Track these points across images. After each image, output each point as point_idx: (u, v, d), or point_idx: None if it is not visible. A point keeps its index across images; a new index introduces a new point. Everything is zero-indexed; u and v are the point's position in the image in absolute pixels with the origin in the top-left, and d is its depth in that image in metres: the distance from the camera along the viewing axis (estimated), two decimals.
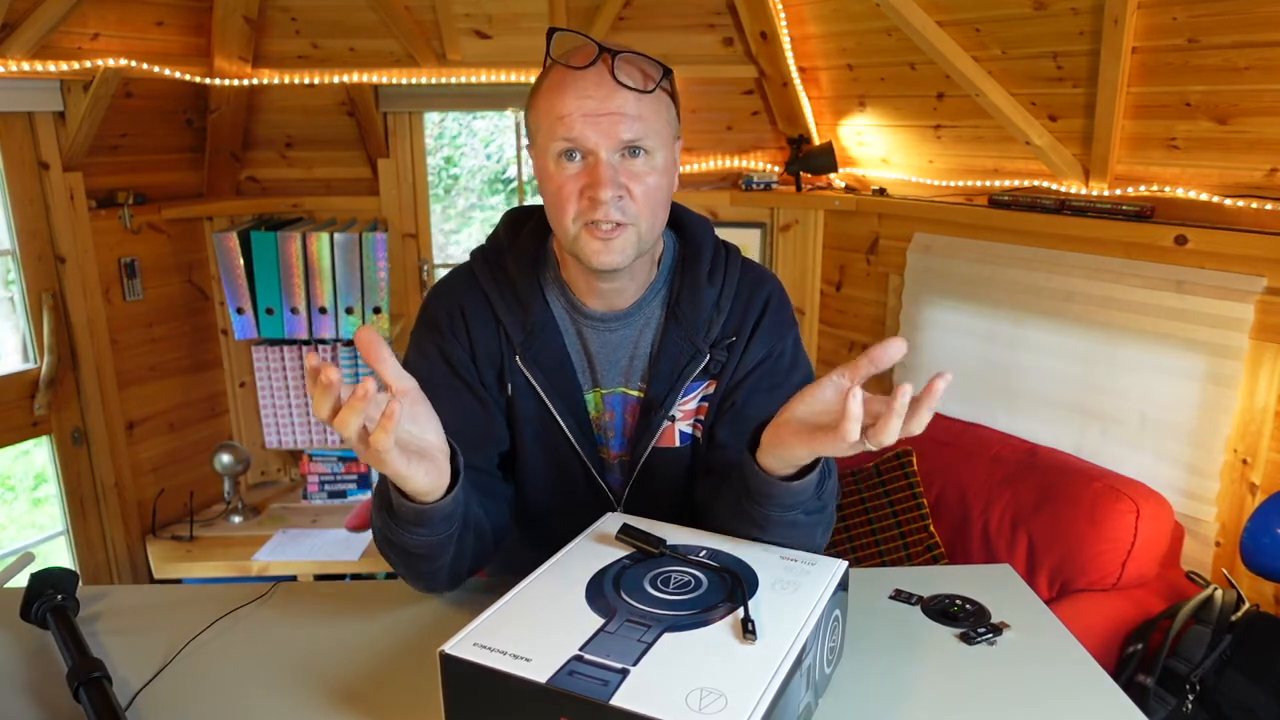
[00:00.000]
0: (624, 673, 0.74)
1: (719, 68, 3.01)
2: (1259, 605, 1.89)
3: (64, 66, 2.43)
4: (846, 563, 0.93)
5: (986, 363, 2.53)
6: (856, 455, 2.63)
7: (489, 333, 1.12)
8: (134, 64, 2.53)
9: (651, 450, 1.13)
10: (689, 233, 1.17)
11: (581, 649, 0.77)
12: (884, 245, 2.88)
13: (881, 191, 2.86)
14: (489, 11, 2.88)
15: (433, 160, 6.20)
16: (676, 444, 1.14)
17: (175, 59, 2.74)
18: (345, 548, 2.87)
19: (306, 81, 2.91)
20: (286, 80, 2.91)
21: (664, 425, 1.12)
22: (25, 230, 2.56)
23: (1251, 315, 1.95)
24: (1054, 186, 2.38)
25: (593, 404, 1.15)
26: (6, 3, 2.27)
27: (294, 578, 2.78)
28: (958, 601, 1.06)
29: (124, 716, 0.82)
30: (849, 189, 3.00)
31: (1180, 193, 2.10)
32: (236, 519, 3.06)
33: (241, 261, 2.92)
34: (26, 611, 0.98)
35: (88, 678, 0.84)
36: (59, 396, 2.68)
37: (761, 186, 3.05)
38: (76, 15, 2.45)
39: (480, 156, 6.53)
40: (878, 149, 2.89)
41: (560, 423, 1.11)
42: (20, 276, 2.59)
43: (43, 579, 1.00)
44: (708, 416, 1.14)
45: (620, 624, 0.81)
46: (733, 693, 0.72)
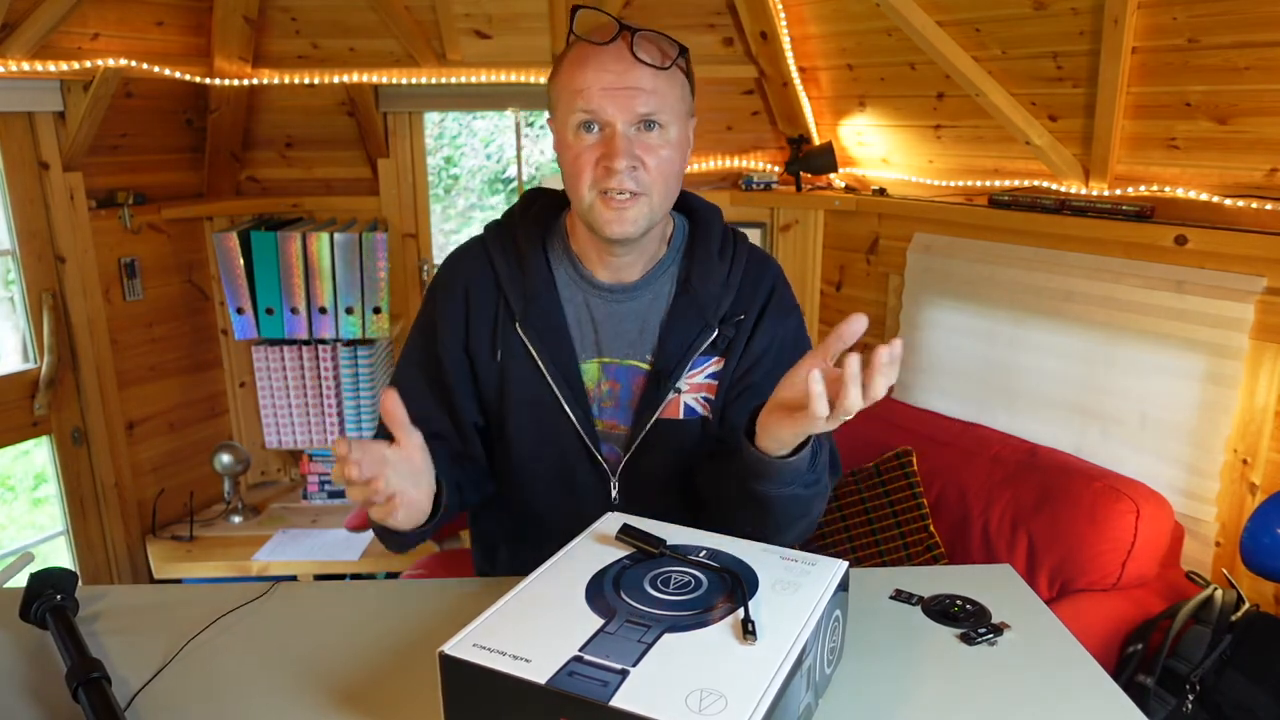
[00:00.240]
0: (624, 673, 0.74)
1: (719, 68, 3.01)
2: (1259, 605, 1.89)
3: (64, 66, 2.43)
4: (847, 563, 0.93)
5: (986, 363, 2.53)
6: (857, 454, 2.63)
7: (489, 299, 1.17)
8: (134, 64, 2.53)
9: (656, 421, 1.15)
10: (700, 215, 1.22)
11: (581, 649, 0.77)
12: (884, 245, 2.88)
13: (881, 191, 2.86)
14: (489, 11, 2.88)
15: (433, 160, 6.20)
16: (681, 416, 1.17)
17: (175, 59, 2.74)
18: (345, 548, 2.87)
19: (306, 81, 2.91)
20: (286, 80, 2.91)
21: (670, 396, 1.15)
22: (25, 230, 2.56)
23: (1251, 315, 1.94)
24: (1054, 186, 2.38)
25: (590, 373, 1.17)
26: (6, 3, 2.27)
27: (294, 578, 2.79)
28: (958, 602, 1.06)
29: (123, 717, 0.82)
30: (849, 189, 3.00)
31: (1180, 193, 2.10)
32: (236, 519, 3.06)
33: (241, 261, 2.92)
34: (26, 611, 0.98)
35: (87, 678, 0.84)
36: (59, 396, 2.68)
37: (761, 186, 3.05)
38: (76, 15, 2.45)
39: (480, 156, 6.53)
40: (878, 149, 2.89)
41: (554, 389, 1.14)
42: (20, 276, 2.59)
43: (42, 579, 1.00)
44: (717, 396, 1.18)
45: (620, 624, 0.81)
46: (733, 693, 0.72)
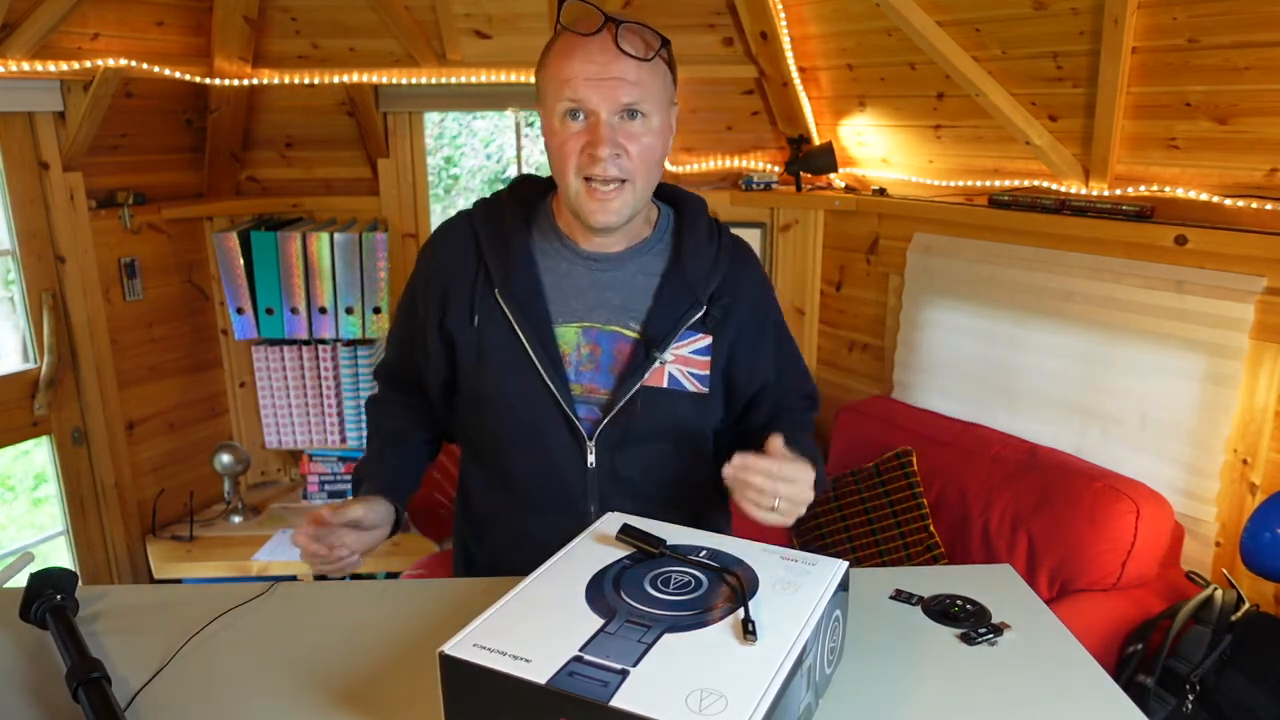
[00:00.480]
0: (624, 673, 0.74)
1: (719, 68, 3.01)
2: (1259, 605, 1.89)
3: (64, 66, 2.43)
4: (847, 563, 0.93)
5: (986, 363, 2.53)
6: (857, 454, 2.62)
7: (470, 269, 1.23)
8: (134, 64, 2.53)
9: (641, 388, 1.21)
10: (686, 204, 1.30)
11: (581, 650, 0.77)
12: (884, 245, 2.88)
13: (881, 191, 2.86)
14: (489, 11, 2.88)
15: (433, 160, 6.20)
16: (664, 385, 1.23)
17: (175, 59, 2.74)
18: None
19: (306, 81, 2.91)
20: (286, 80, 2.91)
21: (655, 364, 1.21)
22: (25, 230, 2.56)
23: (1251, 315, 1.94)
24: (1054, 186, 2.38)
25: (566, 337, 1.22)
26: (6, 3, 2.27)
27: (294, 578, 2.78)
28: (958, 602, 1.06)
29: (123, 717, 0.82)
30: (849, 189, 3.00)
31: (1180, 193, 2.10)
32: (236, 519, 3.06)
33: (241, 261, 2.92)
34: (26, 611, 0.98)
35: (87, 678, 0.84)
36: (59, 396, 2.68)
37: (761, 186, 3.05)
38: (76, 15, 2.45)
39: (480, 156, 6.53)
40: (878, 149, 2.89)
41: (529, 351, 1.19)
42: (20, 276, 2.59)
43: (42, 579, 1.00)
44: (712, 371, 1.24)
45: (620, 624, 0.81)
46: (733, 693, 0.72)
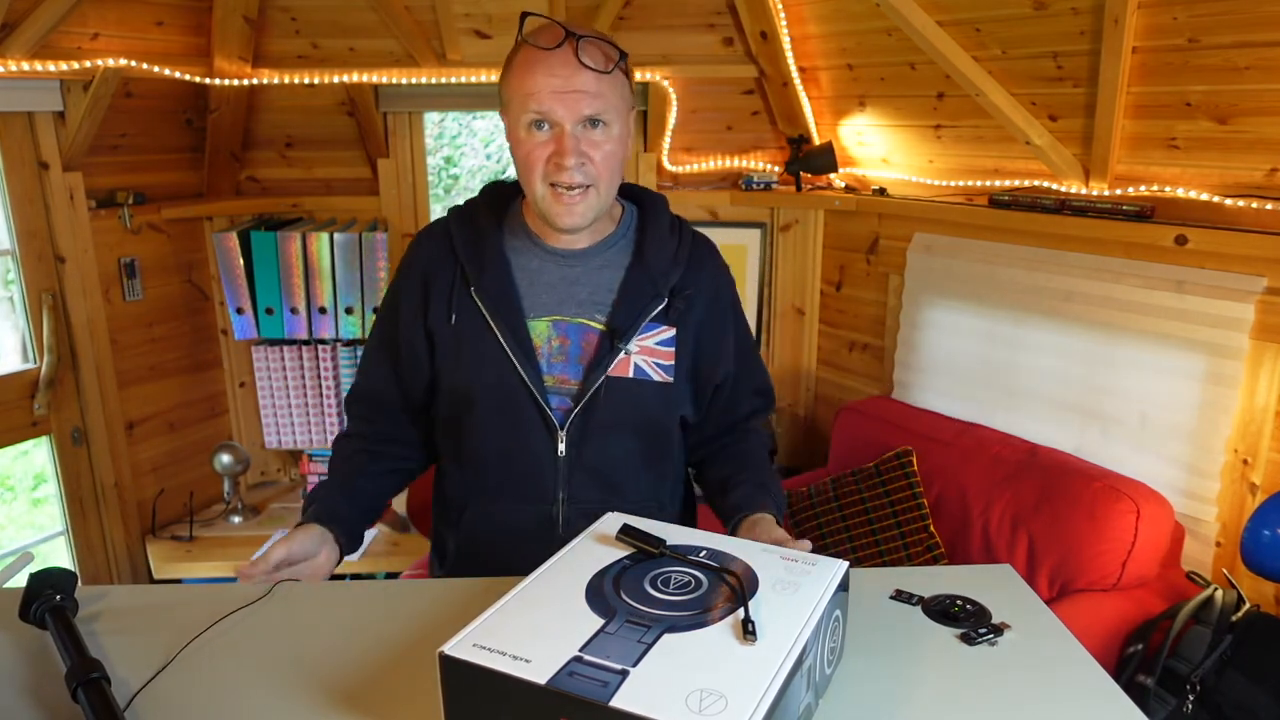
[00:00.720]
0: (624, 674, 0.74)
1: (719, 68, 3.01)
2: (1259, 605, 1.89)
3: (64, 66, 2.43)
4: (847, 563, 0.93)
5: (986, 363, 2.53)
6: (857, 454, 2.62)
7: (447, 270, 1.30)
8: (134, 64, 2.53)
9: (606, 378, 1.26)
10: (648, 201, 1.36)
11: (581, 650, 0.77)
12: (884, 245, 2.88)
13: (881, 191, 2.86)
14: (489, 11, 2.88)
15: (433, 160, 6.20)
16: (631, 375, 1.28)
17: (175, 59, 2.74)
18: None
19: (306, 81, 2.91)
20: (286, 80, 2.91)
21: (620, 355, 1.26)
22: (25, 230, 2.55)
23: (1252, 315, 1.94)
24: (1054, 186, 2.38)
25: (539, 330, 1.28)
26: (6, 3, 2.27)
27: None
28: (958, 602, 1.06)
29: (122, 717, 0.81)
30: (849, 189, 3.00)
31: (1180, 193, 2.10)
32: (236, 519, 3.06)
33: (241, 261, 2.92)
34: (25, 612, 0.98)
35: (86, 678, 0.84)
36: (59, 396, 2.68)
37: (761, 186, 3.05)
38: (76, 15, 2.45)
39: (480, 156, 6.53)
40: (878, 149, 2.89)
41: (504, 344, 1.25)
42: (20, 276, 2.58)
43: (41, 579, 1.00)
44: (677, 361, 1.30)
45: (620, 625, 0.81)
46: (733, 694, 0.72)
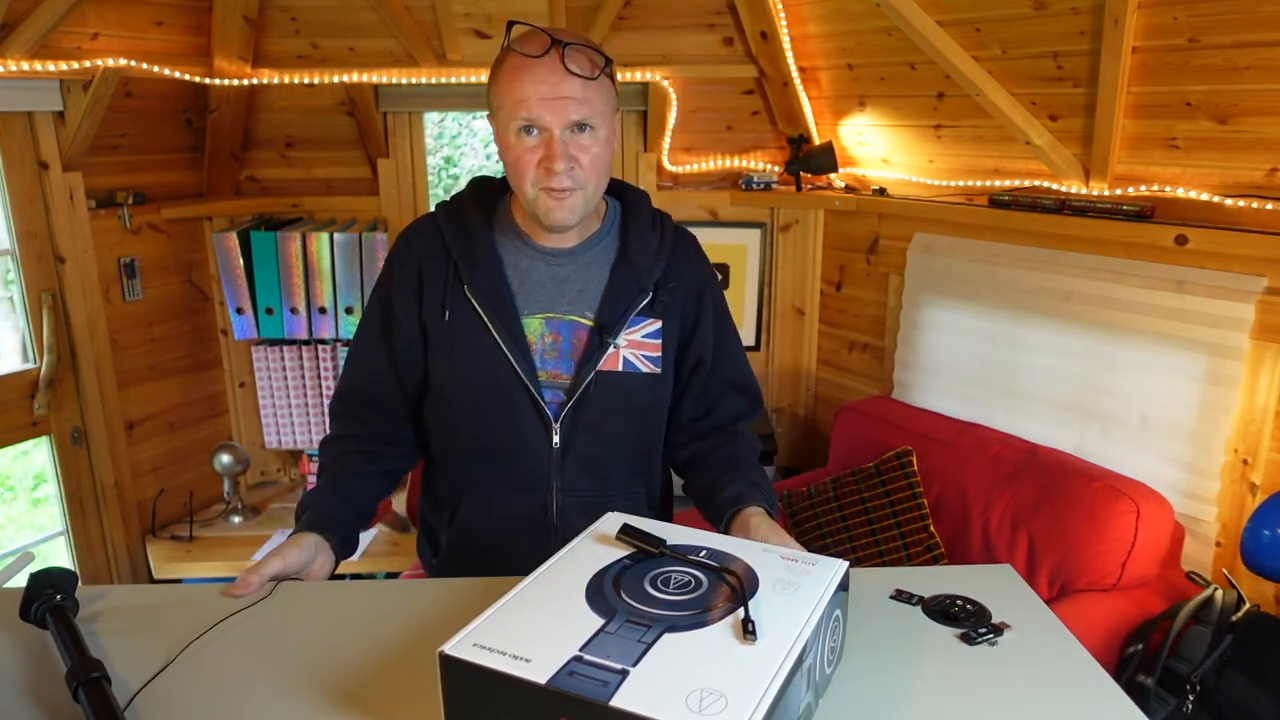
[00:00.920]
0: (624, 673, 0.74)
1: (719, 68, 3.01)
2: (1259, 605, 1.89)
3: (64, 66, 2.43)
4: (847, 563, 0.93)
5: (986, 363, 2.53)
6: (857, 454, 2.62)
7: (440, 267, 1.31)
8: (134, 64, 2.53)
9: (597, 372, 1.29)
10: (631, 198, 1.39)
11: (581, 649, 0.77)
12: (884, 245, 2.88)
13: (881, 191, 2.86)
14: (489, 11, 2.88)
15: (433, 160, 6.20)
16: (620, 368, 1.31)
17: (175, 59, 2.74)
18: None
19: (306, 81, 2.91)
20: (286, 80, 2.91)
21: (610, 349, 1.30)
22: (25, 230, 2.55)
23: (1252, 315, 1.95)
24: (1054, 186, 2.38)
25: (533, 327, 1.30)
26: (6, 2, 2.27)
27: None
28: (958, 602, 1.06)
29: (123, 717, 0.81)
30: (849, 189, 3.00)
31: (1180, 193, 2.10)
32: (236, 519, 3.06)
33: (241, 261, 2.92)
34: (26, 611, 0.98)
35: (87, 678, 0.84)
36: (58, 396, 2.67)
37: (761, 186, 3.05)
38: (76, 15, 2.44)
39: (480, 156, 6.53)
40: (878, 149, 2.89)
41: (499, 341, 1.27)
42: (20, 276, 2.58)
43: (42, 579, 1.00)
44: (663, 353, 1.33)
45: (620, 624, 0.81)
46: (733, 693, 0.71)
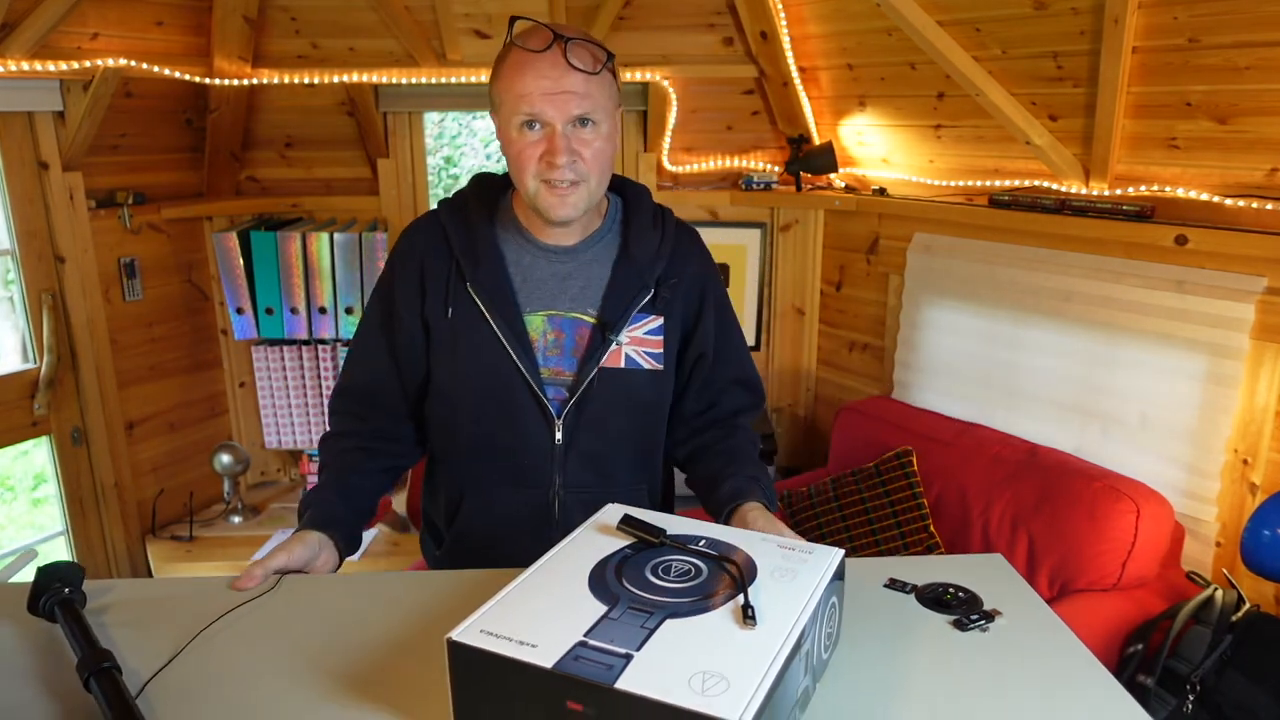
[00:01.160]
0: (628, 657, 0.74)
1: (719, 68, 3.02)
2: (1259, 605, 1.90)
3: (64, 66, 2.43)
4: (842, 551, 0.95)
5: (986, 363, 2.54)
6: (857, 454, 2.62)
7: (442, 264, 1.31)
8: (134, 64, 2.54)
9: (599, 369, 1.29)
10: (631, 193, 1.38)
11: (586, 635, 0.78)
12: (884, 245, 2.89)
13: (881, 191, 2.87)
14: (489, 11, 2.89)
15: (433, 160, 6.21)
16: (622, 365, 1.31)
17: (175, 59, 2.75)
18: None
19: (306, 81, 2.92)
20: (286, 80, 2.91)
21: (612, 346, 1.29)
22: (25, 230, 2.56)
23: (1252, 315, 1.95)
24: (1054, 186, 2.39)
25: (535, 324, 1.30)
26: (6, 2, 2.28)
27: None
28: (950, 590, 1.07)
29: (135, 704, 0.82)
30: (849, 189, 3.01)
31: (1180, 193, 2.11)
32: (236, 519, 3.06)
33: (241, 261, 2.92)
34: (34, 605, 0.98)
35: (98, 668, 0.85)
36: (58, 396, 2.68)
37: (761, 186, 3.06)
38: (76, 15, 2.45)
39: (480, 156, 6.54)
40: (878, 149, 2.90)
41: (501, 338, 1.27)
42: (20, 276, 2.59)
43: (49, 573, 1.01)
44: (665, 349, 1.32)
45: (623, 611, 0.82)
46: (734, 676, 0.72)
